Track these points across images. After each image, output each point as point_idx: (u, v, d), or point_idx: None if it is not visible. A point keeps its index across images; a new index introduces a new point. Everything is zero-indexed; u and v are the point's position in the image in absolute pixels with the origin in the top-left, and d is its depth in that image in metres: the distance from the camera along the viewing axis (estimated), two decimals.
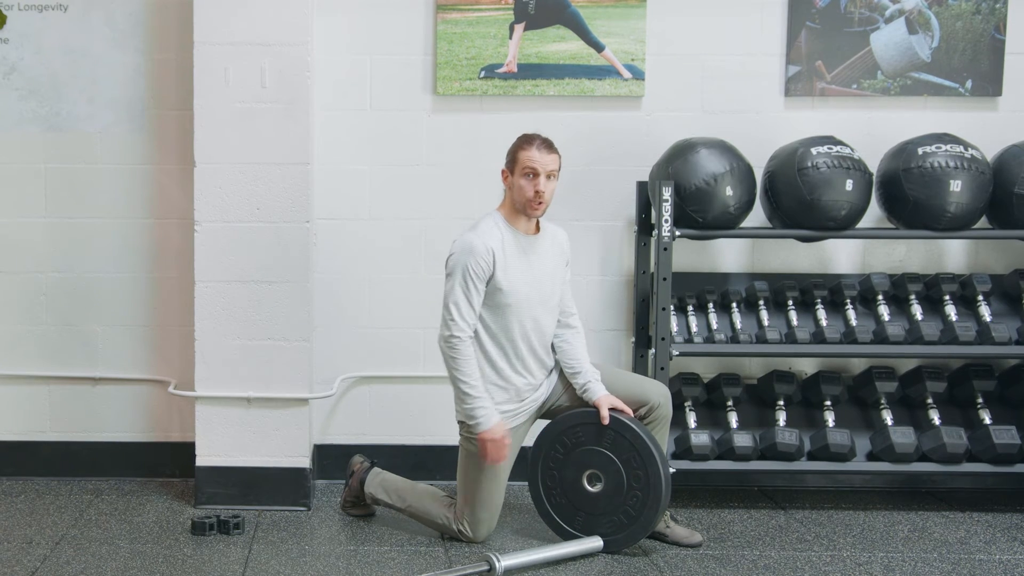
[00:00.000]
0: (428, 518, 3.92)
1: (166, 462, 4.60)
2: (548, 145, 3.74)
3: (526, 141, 3.75)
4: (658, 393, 3.81)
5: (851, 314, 4.36)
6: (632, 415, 3.76)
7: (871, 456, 4.28)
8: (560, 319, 3.89)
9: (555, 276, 3.83)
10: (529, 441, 3.93)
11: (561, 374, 3.89)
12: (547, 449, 3.86)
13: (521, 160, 3.72)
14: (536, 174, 3.69)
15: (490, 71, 4.49)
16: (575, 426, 3.80)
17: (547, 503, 3.88)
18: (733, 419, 4.35)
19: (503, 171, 3.79)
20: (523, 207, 3.73)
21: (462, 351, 3.71)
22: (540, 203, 3.72)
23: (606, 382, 3.81)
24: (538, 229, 3.83)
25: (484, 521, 3.84)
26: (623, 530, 3.75)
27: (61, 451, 4.61)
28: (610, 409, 3.73)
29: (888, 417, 4.33)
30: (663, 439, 3.83)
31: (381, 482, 4.05)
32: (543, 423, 3.93)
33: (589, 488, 3.80)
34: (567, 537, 3.83)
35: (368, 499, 4.08)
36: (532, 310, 3.77)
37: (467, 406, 3.73)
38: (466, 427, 3.82)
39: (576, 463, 3.81)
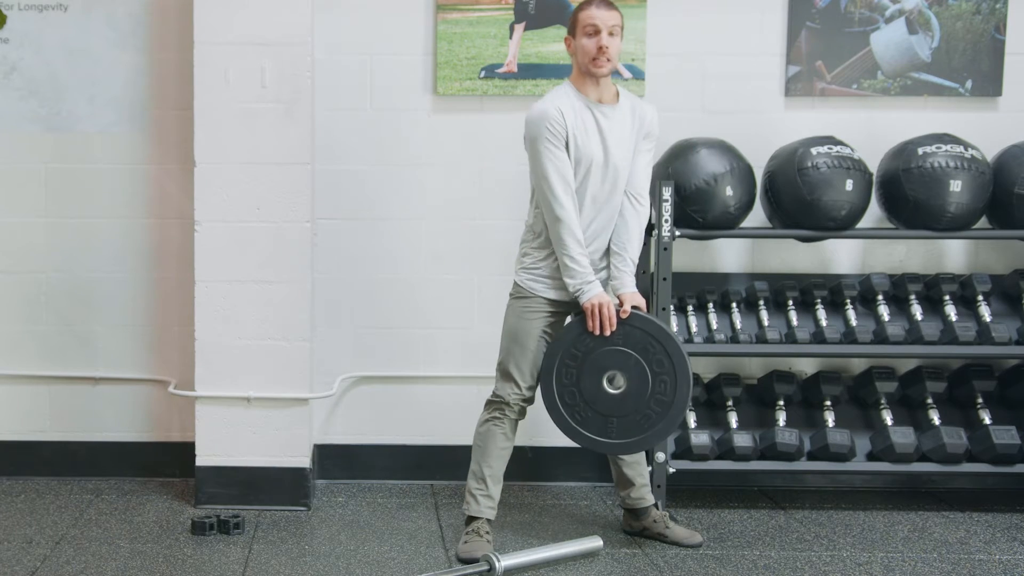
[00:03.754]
0: (477, 431, 3.84)
1: (166, 462, 4.60)
2: (607, 3, 3.67)
3: (585, 3, 3.69)
4: None
5: (851, 314, 4.36)
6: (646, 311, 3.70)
7: (871, 456, 4.28)
8: (626, 191, 3.75)
9: (626, 146, 3.71)
10: None
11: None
12: (559, 367, 3.72)
13: (581, 20, 3.66)
14: (597, 30, 3.62)
15: (490, 71, 4.49)
16: (580, 334, 3.69)
17: (573, 422, 3.72)
18: (733, 419, 4.35)
19: (566, 39, 3.74)
20: (587, 67, 3.64)
21: (568, 224, 3.62)
22: (607, 60, 3.63)
23: None
24: (616, 99, 3.73)
25: (509, 368, 3.74)
26: (660, 419, 3.67)
27: (61, 451, 4.61)
28: (633, 307, 3.67)
29: (888, 417, 4.33)
30: None
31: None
32: None
33: (612, 391, 3.69)
34: (605, 450, 3.76)
35: (467, 507, 3.84)
36: (600, 181, 3.68)
37: (573, 281, 3.65)
38: (513, 286, 3.81)
39: (592, 370, 3.68)
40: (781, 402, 4.37)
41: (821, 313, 4.38)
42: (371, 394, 4.62)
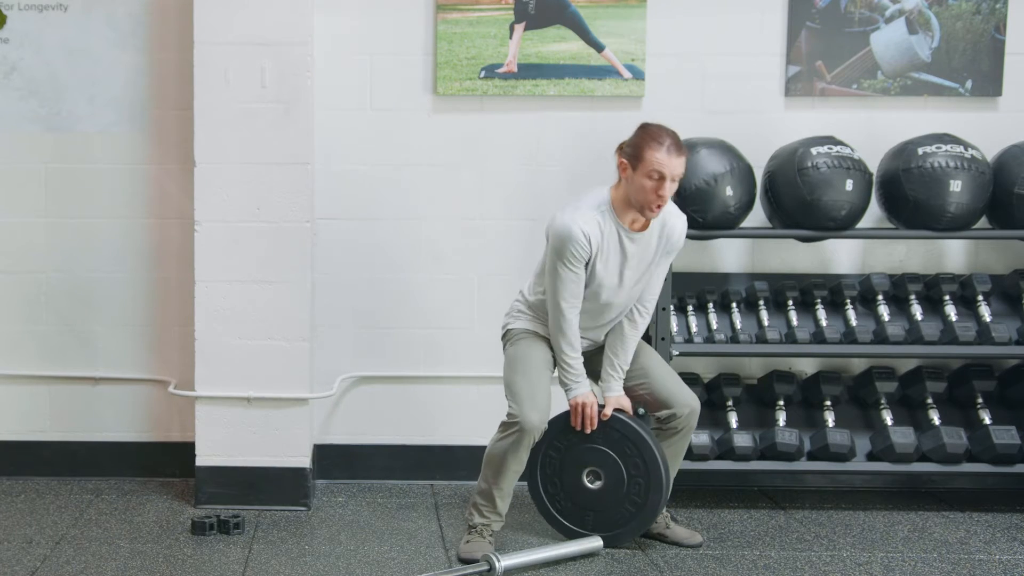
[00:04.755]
0: (490, 452, 3.75)
1: (166, 462, 4.60)
2: (679, 147, 3.50)
3: (655, 140, 3.50)
4: (683, 403, 3.76)
5: (851, 314, 4.36)
6: (631, 414, 3.76)
7: (871, 456, 4.28)
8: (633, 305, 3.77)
9: (645, 265, 3.68)
10: None
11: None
12: (543, 456, 3.86)
13: (648, 161, 3.48)
14: (663, 178, 3.49)
15: (490, 71, 4.49)
16: (564, 428, 3.80)
17: (553, 510, 3.88)
18: (733, 419, 4.35)
19: (621, 161, 3.56)
20: (641, 207, 3.54)
21: (568, 333, 3.66)
22: (661, 207, 3.54)
23: (644, 369, 3.77)
24: (646, 226, 3.65)
25: (527, 404, 3.66)
26: (633, 519, 3.76)
27: (61, 451, 4.61)
28: (616, 410, 3.74)
29: (888, 417, 4.33)
30: (679, 450, 3.82)
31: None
32: None
33: (590, 486, 3.80)
34: (578, 536, 3.83)
35: (470, 518, 3.82)
36: (611, 293, 3.68)
37: (566, 375, 3.71)
38: (505, 335, 3.86)
39: (573, 464, 3.82)
40: (781, 402, 4.37)
41: (821, 313, 4.38)
42: (371, 394, 4.62)
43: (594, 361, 3.83)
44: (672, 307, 4.28)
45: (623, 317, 3.78)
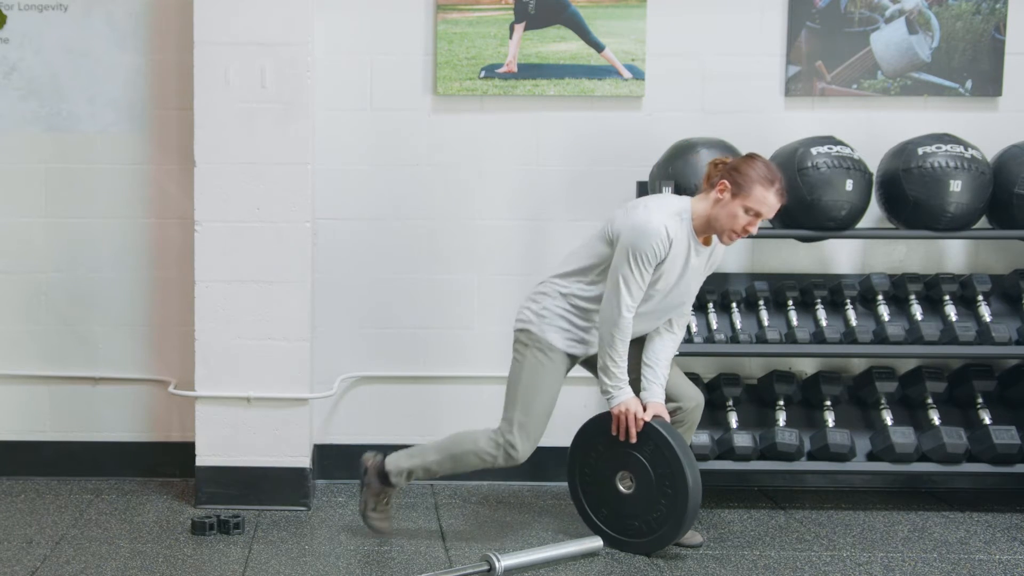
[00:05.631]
0: (465, 449, 3.76)
1: (166, 462, 4.60)
2: (784, 192, 3.55)
3: (768, 180, 3.51)
4: (689, 397, 3.81)
5: (851, 314, 4.36)
6: (669, 422, 3.74)
7: (871, 456, 4.28)
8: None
9: (697, 277, 3.72)
10: (581, 421, 3.94)
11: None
12: (592, 439, 3.86)
13: (755, 198, 3.49)
14: (759, 216, 3.52)
15: (490, 71, 4.49)
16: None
17: (580, 487, 3.90)
18: (733, 419, 4.36)
19: (723, 182, 3.54)
20: (721, 231, 3.56)
21: (624, 332, 3.61)
22: (738, 238, 3.57)
23: None
24: (709, 241, 3.67)
25: (530, 440, 3.69)
26: (641, 537, 3.75)
27: (61, 451, 4.61)
28: (653, 416, 3.71)
29: (888, 417, 4.33)
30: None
31: (404, 452, 3.88)
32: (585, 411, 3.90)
33: (620, 487, 3.80)
34: (588, 524, 3.86)
35: (394, 477, 3.84)
36: (663, 297, 3.67)
37: (609, 382, 3.67)
38: (526, 333, 3.76)
39: (614, 459, 3.80)
40: (781, 402, 4.37)
41: (821, 313, 4.38)
42: (371, 394, 4.62)
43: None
44: None
45: (662, 330, 3.78)
